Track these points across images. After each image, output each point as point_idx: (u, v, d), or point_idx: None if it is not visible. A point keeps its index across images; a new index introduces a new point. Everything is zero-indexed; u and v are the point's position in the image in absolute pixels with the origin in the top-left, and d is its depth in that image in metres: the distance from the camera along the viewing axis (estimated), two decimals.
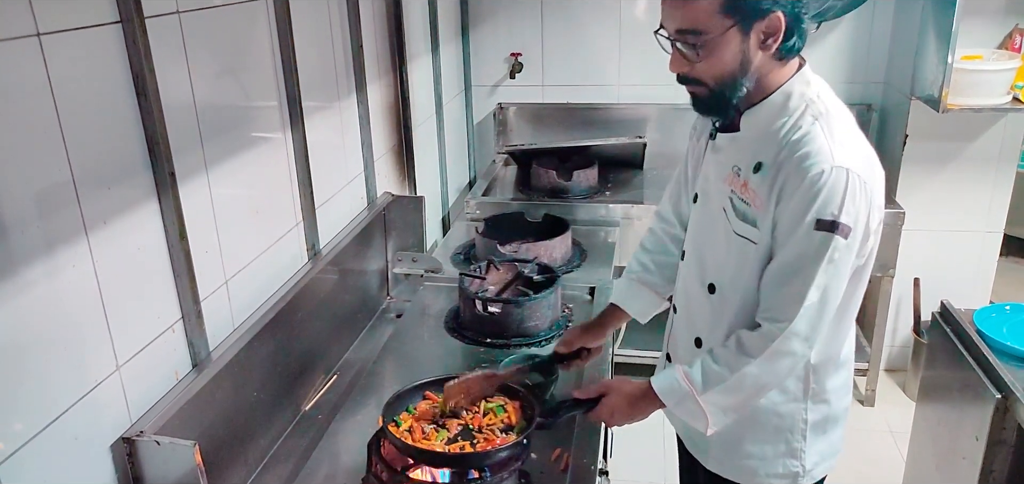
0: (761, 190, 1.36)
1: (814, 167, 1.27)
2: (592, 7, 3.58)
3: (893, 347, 3.60)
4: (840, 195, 1.27)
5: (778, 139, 1.35)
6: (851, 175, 1.27)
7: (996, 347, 1.95)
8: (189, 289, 1.50)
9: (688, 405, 1.43)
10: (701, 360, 1.43)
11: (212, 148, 1.58)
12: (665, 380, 1.46)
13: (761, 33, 1.29)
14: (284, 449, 1.79)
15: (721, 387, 1.39)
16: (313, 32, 2.04)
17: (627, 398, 1.51)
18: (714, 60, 1.31)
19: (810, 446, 1.56)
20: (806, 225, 1.28)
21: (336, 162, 2.24)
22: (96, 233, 1.27)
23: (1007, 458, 1.82)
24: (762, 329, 1.36)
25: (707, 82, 1.35)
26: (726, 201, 1.45)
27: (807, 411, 1.54)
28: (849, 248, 1.30)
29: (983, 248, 3.37)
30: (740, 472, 1.61)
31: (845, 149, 1.29)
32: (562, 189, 3.27)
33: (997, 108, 2.92)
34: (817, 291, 1.31)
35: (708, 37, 1.29)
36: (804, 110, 1.34)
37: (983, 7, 2.99)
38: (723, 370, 1.39)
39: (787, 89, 1.36)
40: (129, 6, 1.28)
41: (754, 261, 1.41)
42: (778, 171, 1.33)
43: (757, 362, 1.36)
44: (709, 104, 1.39)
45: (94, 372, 1.28)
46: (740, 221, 1.41)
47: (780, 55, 1.33)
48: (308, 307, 1.96)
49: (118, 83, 1.30)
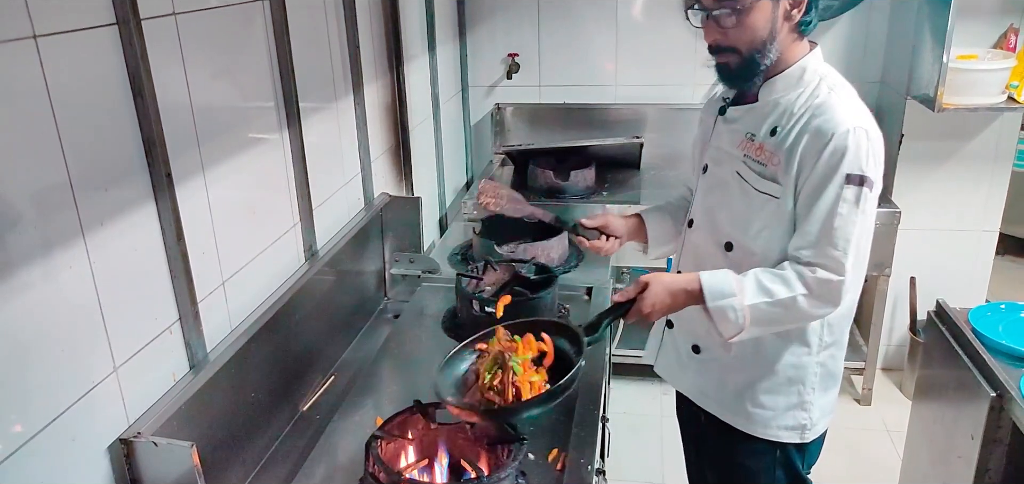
0: (778, 152, 1.51)
1: (840, 127, 1.42)
2: (589, 7, 3.59)
3: (890, 346, 3.61)
4: (864, 152, 1.43)
5: (795, 106, 1.51)
6: (870, 135, 1.44)
7: (991, 346, 1.96)
8: (186, 290, 1.50)
9: (729, 304, 1.49)
10: (754, 272, 1.51)
11: (209, 149, 1.58)
12: (715, 277, 1.52)
13: (788, 3, 1.47)
14: (282, 450, 1.79)
15: (769, 302, 1.48)
16: (309, 33, 2.04)
17: (666, 288, 1.56)
18: (747, 27, 1.46)
19: (818, 399, 1.67)
20: (839, 179, 1.42)
21: (333, 163, 2.24)
22: (93, 235, 1.27)
23: (1002, 456, 1.83)
24: (819, 272, 1.45)
25: (740, 49, 1.49)
26: (739, 165, 1.59)
27: (819, 364, 1.66)
28: (874, 200, 1.47)
29: (979, 247, 3.39)
30: (751, 422, 1.70)
31: (861, 114, 1.47)
32: (559, 189, 3.28)
33: (992, 107, 2.93)
34: (855, 242, 1.45)
35: (744, 4, 1.45)
36: (818, 83, 1.51)
37: (978, 7, 3.00)
38: (779, 285, 1.48)
39: (803, 64, 1.53)
40: (126, 8, 1.28)
41: (777, 214, 1.53)
42: (800, 132, 1.47)
43: (810, 299, 1.47)
44: (737, 72, 1.53)
45: (92, 373, 1.28)
46: (761, 179, 1.54)
47: (798, 29, 1.50)
48: (305, 308, 1.96)
49: (115, 85, 1.30)
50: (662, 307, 1.56)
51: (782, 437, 1.69)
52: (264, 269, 1.85)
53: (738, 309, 1.48)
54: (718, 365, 1.73)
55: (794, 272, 1.48)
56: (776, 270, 1.50)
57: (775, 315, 1.49)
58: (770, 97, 1.55)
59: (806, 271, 1.46)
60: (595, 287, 2.42)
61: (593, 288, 2.41)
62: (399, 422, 1.61)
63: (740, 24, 1.46)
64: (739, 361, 1.68)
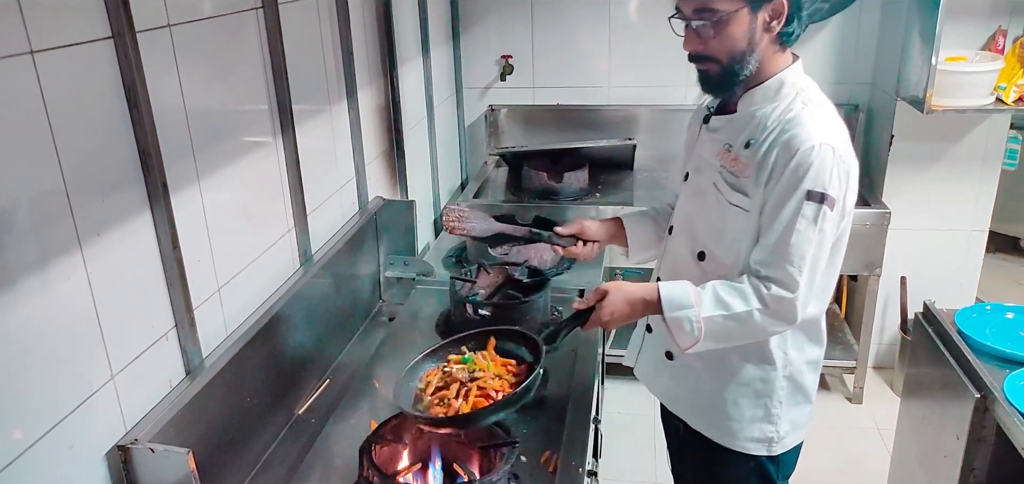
0: (751, 163, 1.51)
1: (806, 142, 1.42)
2: (582, 9, 3.61)
3: (881, 345, 3.64)
4: (828, 169, 1.42)
5: (769, 120, 1.50)
6: (836, 153, 1.43)
7: (976, 347, 1.98)
8: (182, 297, 1.52)
9: (685, 315, 1.50)
10: (712, 285, 1.52)
11: (204, 158, 1.60)
12: (674, 288, 1.54)
13: (767, 15, 1.46)
14: (277, 454, 1.81)
15: (725, 315, 1.49)
16: (303, 39, 2.06)
17: (625, 297, 1.57)
18: (726, 37, 1.46)
19: (785, 414, 1.68)
20: (799, 195, 1.43)
21: (327, 168, 2.26)
22: (89, 245, 1.29)
23: (987, 456, 1.86)
24: (773, 288, 1.46)
25: (719, 58, 1.49)
26: (717, 175, 1.59)
27: (785, 379, 1.67)
28: (834, 221, 1.46)
29: (969, 246, 3.42)
30: (720, 431, 1.73)
31: (830, 131, 1.45)
32: (553, 191, 3.30)
33: (981, 109, 2.96)
34: (811, 260, 1.45)
35: (722, 15, 1.44)
36: (795, 96, 1.50)
37: (967, 9, 3.03)
38: (735, 301, 1.49)
39: (781, 77, 1.52)
40: (121, 21, 1.30)
41: (745, 227, 1.54)
42: (770, 147, 1.47)
43: (764, 315, 1.48)
44: (717, 81, 1.54)
45: (89, 381, 1.30)
46: (732, 191, 1.55)
47: (780, 40, 1.49)
48: (300, 312, 1.98)
49: (111, 97, 1.32)
50: (620, 316, 1.57)
51: (749, 448, 1.70)
52: (259, 275, 1.87)
53: (694, 321, 1.49)
54: (690, 372, 1.74)
55: (751, 286, 1.48)
56: (735, 283, 1.50)
57: (731, 329, 1.50)
58: (748, 108, 1.55)
59: (762, 286, 1.47)
60: (587, 288, 2.45)
61: (585, 290, 2.43)
62: (393, 426, 1.64)
63: (718, 34, 1.46)
64: (710, 370, 1.70)
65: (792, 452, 1.75)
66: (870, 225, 3.11)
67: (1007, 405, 1.76)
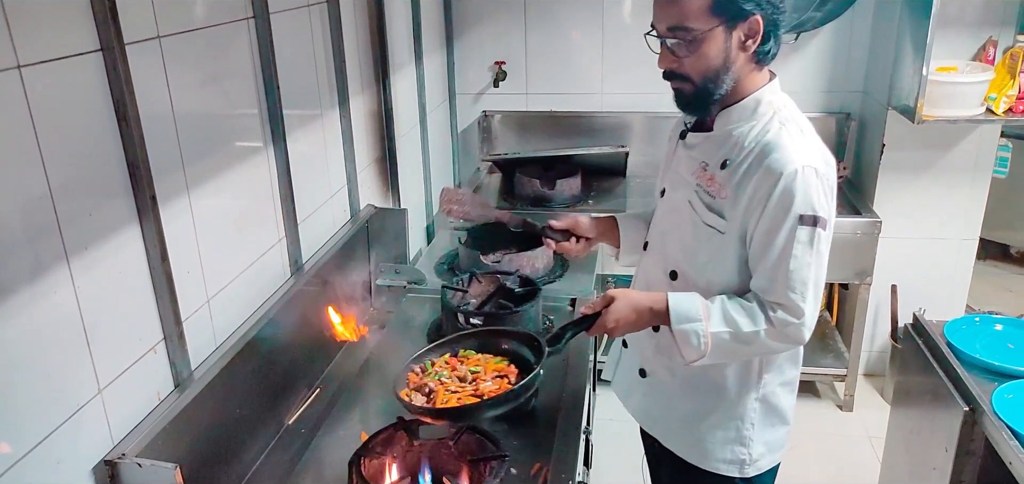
0: (727, 185, 1.49)
1: (788, 167, 1.40)
2: (575, 16, 3.61)
3: (871, 353, 3.65)
4: (814, 191, 1.41)
5: (746, 140, 1.48)
6: (819, 174, 1.42)
7: (965, 359, 1.99)
8: (171, 310, 1.51)
9: (693, 328, 1.49)
10: (720, 300, 1.51)
11: (194, 169, 1.60)
12: (683, 300, 1.52)
13: (742, 34, 1.43)
14: (267, 465, 1.80)
15: (732, 332, 1.48)
16: (295, 48, 2.05)
17: (633, 306, 1.55)
18: (700, 56, 1.44)
19: (758, 436, 1.66)
20: (791, 221, 1.41)
21: (319, 177, 2.26)
22: (77, 259, 1.28)
23: (976, 469, 1.86)
24: (780, 312, 1.46)
25: (693, 78, 1.47)
26: (693, 194, 1.57)
27: (759, 401, 1.65)
28: (828, 239, 1.46)
29: (959, 255, 3.43)
30: (692, 451, 1.72)
31: (810, 150, 1.44)
32: (545, 198, 3.30)
33: (971, 120, 2.97)
34: (813, 283, 1.45)
35: (696, 34, 1.42)
36: (772, 116, 1.48)
37: (957, 19, 3.04)
38: (743, 320, 1.48)
39: (758, 96, 1.50)
40: (110, 34, 1.29)
41: (721, 249, 1.53)
42: (749, 169, 1.45)
43: (771, 336, 1.47)
44: (692, 100, 1.51)
45: (76, 396, 1.29)
46: (708, 211, 1.53)
47: (756, 59, 1.47)
48: (291, 322, 1.98)
49: (99, 110, 1.31)
50: (626, 324, 1.56)
51: (721, 470, 1.69)
52: (249, 285, 1.86)
53: (702, 335, 1.49)
54: (663, 391, 1.74)
55: (759, 306, 1.48)
56: (743, 301, 1.50)
57: (736, 348, 1.51)
58: (725, 127, 1.53)
59: (769, 309, 1.47)
60: (579, 297, 2.45)
61: (577, 299, 2.43)
62: (382, 439, 1.64)
63: (693, 53, 1.44)
64: (682, 389, 1.69)
65: (768, 474, 1.73)
66: (861, 233, 3.12)
67: (995, 418, 1.76)
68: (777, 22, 1.44)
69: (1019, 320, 2.19)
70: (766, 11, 1.42)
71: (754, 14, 1.41)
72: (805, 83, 3.54)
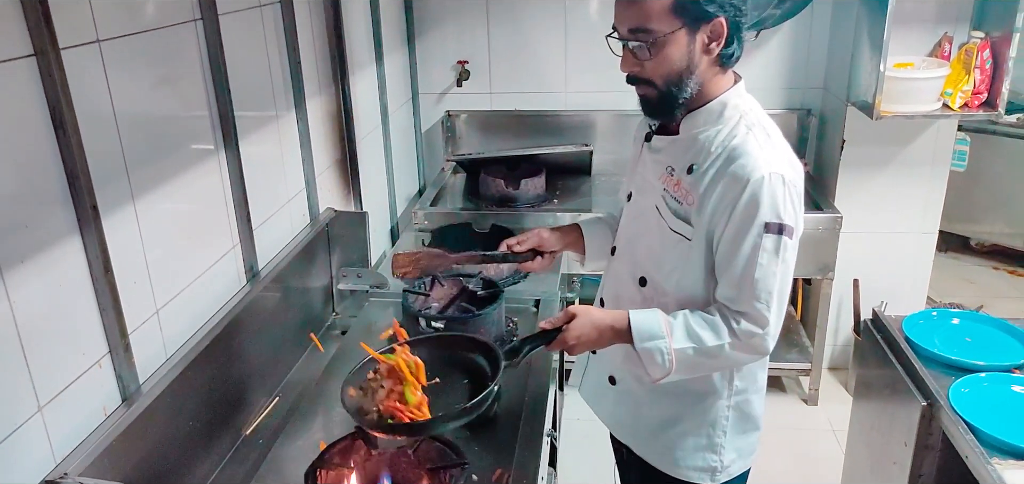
0: (694, 190, 1.46)
1: (754, 174, 1.38)
2: (538, 14, 3.59)
3: (835, 346, 3.69)
4: (781, 199, 1.39)
5: (711, 145, 1.46)
6: (786, 180, 1.40)
7: (923, 354, 2.01)
8: (116, 322, 1.46)
9: (657, 346, 1.47)
10: (683, 314, 1.49)
11: (139, 176, 1.55)
12: (645, 317, 1.50)
13: (706, 36, 1.40)
14: (223, 478, 1.76)
15: (695, 348, 1.46)
16: (246, 49, 2.01)
17: (594, 324, 1.53)
18: (662, 59, 1.41)
19: (730, 442, 1.65)
20: (757, 228, 1.39)
21: (275, 180, 2.21)
22: (12, 272, 1.23)
23: (934, 462, 1.88)
24: (743, 323, 1.44)
25: (656, 81, 1.44)
26: (659, 199, 1.55)
27: (730, 409, 1.63)
28: (795, 247, 1.44)
29: (919, 248, 3.48)
30: (662, 459, 1.70)
31: (777, 156, 1.42)
32: (510, 198, 3.28)
33: (928, 115, 3.01)
34: (777, 292, 1.43)
35: (658, 36, 1.39)
36: (738, 120, 1.46)
37: (913, 16, 3.07)
38: (706, 332, 1.46)
39: (724, 99, 1.47)
40: (44, 38, 1.25)
41: (689, 256, 1.51)
42: (714, 177, 1.43)
43: (735, 348, 1.45)
44: (656, 104, 1.49)
45: (12, 415, 1.25)
46: (675, 217, 1.51)
47: (720, 62, 1.45)
48: (247, 330, 1.93)
49: (34, 117, 1.27)
50: (587, 341, 1.53)
51: (692, 477, 1.67)
52: (202, 294, 1.81)
53: (665, 352, 1.46)
54: (633, 398, 1.72)
55: (721, 318, 1.46)
56: (705, 315, 1.48)
57: (701, 362, 1.49)
58: (690, 131, 1.50)
59: (732, 320, 1.45)
60: (543, 299, 2.43)
61: (541, 300, 2.42)
62: (340, 449, 1.60)
63: (655, 56, 1.41)
64: (653, 396, 1.67)
65: (738, 479, 1.72)
66: (822, 229, 3.15)
67: (952, 413, 1.78)
68: (740, 24, 1.43)
69: (976, 313, 2.21)
70: (729, 13, 1.40)
71: (717, 16, 1.39)
72: (766, 80, 3.56)
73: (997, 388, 1.86)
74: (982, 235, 4.84)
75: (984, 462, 1.63)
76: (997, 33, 2.92)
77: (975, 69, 2.94)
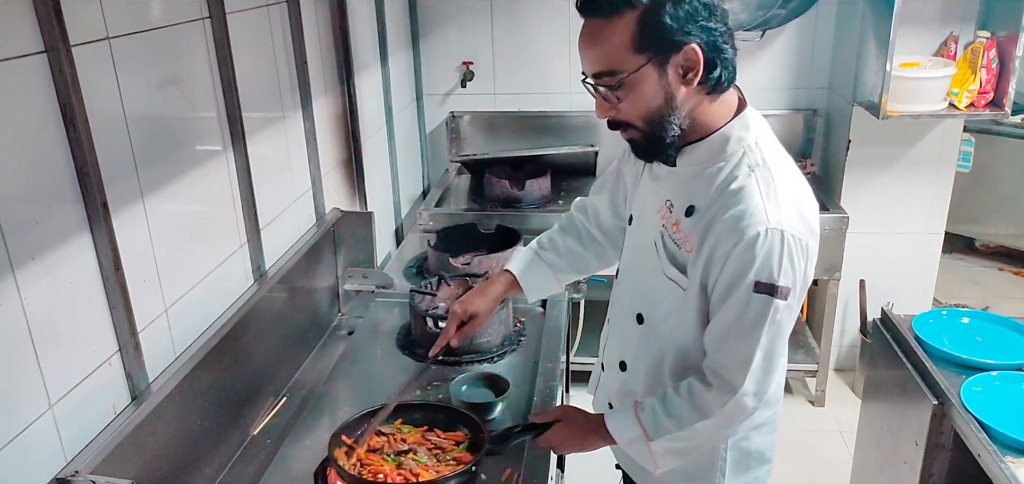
0: (692, 236, 1.36)
1: (750, 229, 1.26)
2: (542, 15, 3.59)
3: (841, 347, 3.68)
4: (776, 258, 1.26)
5: (712, 186, 1.34)
6: (786, 237, 1.26)
7: (933, 353, 2.00)
8: (126, 321, 1.46)
9: (638, 446, 1.45)
10: (652, 404, 1.44)
11: (148, 175, 1.54)
12: (618, 419, 1.48)
13: (679, 68, 1.27)
14: (231, 477, 1.75)
15: (670, 436, 1.41)
16: (254, 49, 2.00)
17: (579, 428, 1.53)
18: (635, 99, 1.29)
19: (730, 482, 1.57)
20: (745, 287, 1.28)
21: (282, 180, 2.21)
22: (23, 269, 1.23)
23: (945, 462, 1.87)
24: (713, 391, 1.37)
25: (636, 123, 1.33)
26: (658, 235, 1.45)
27: (726, 451, 1.55)
28: (789, 308, 1.31)
29: (926, 248, 3.47)
30: None
31: (780, 207, 1.27)
32: (515, 199, 3.27)
33: (934, 114, 3.01)
34: (762, 352, 1.32)
35: (623, 76, 1.27)
36: (741, 158, 1.32)
37: (919, 15, 3.07)
38: (674, 423, 1.41)
39: (726, 133, 1.34)
40: (54, 35, 1.24)
41: (683, 304, 1.41)
42: (711, 223, 1.32)
43: (710, 421, 1.38)
44: (646, 147, 1.38)
45: (24, 413, 1.24)
46: (670, 264, 1.41)
47: (708, 90, 1.30)
48: (255, 330, 1.93)
49: (45, 114, 1.26)
50: (571, 446, 1.54)
51: None
52: (210, 293, 1.81)
53: (650, 448, 1.43)
54: None
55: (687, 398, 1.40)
56: (674, 398, 1.42)
57: (688, 446, 1.43)
58: (688, 166, 1.38)
59: (700, 391, 1.38)
60: (551, 299, 2.42)
61: (548, 301, 2.41)
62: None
63: (627, 98, 1.29)
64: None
65: None
66: (829, 229, 3.14)
67: (964, 412, 1.77)
68: (719, 46, 1.27)
69: (985, 313, 2.21)
70: (700, 38, 1.24)
71: (687, 43, 1.24)
72: (771, 81, 3.55)
73: (1009, 386, 1.86)
74: (987, 236, 4.83)
75: (997, 460, 1.62)
76: (1003, 33, 2.92)
77: (981, 69, 2.93)
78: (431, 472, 1.52)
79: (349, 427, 1.62)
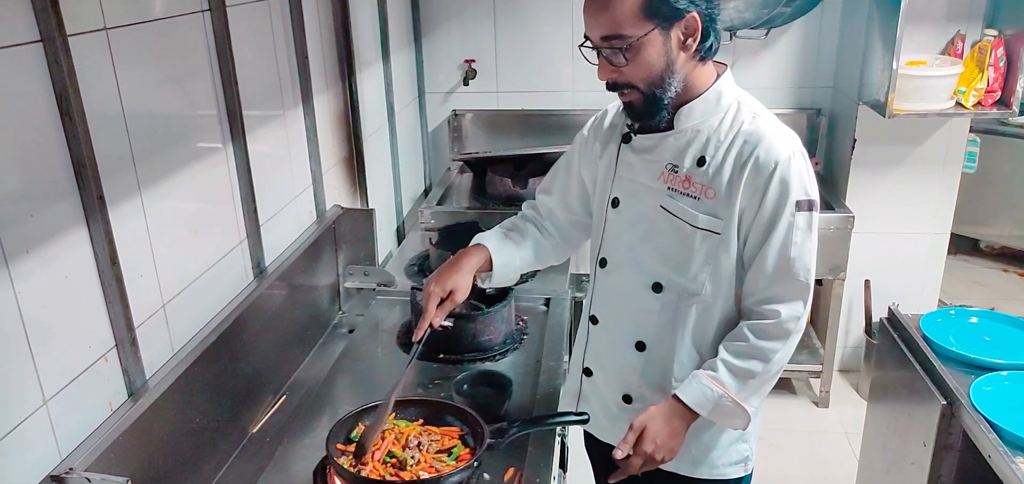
0: (714, 183, 1.43)
1: (780, 155, 1.39)
2: (545, 13, 3.57)
3: (846, 349, 3.65)
4: (805, 175, 1.42)
5: (720, 134, 1.44)
6: (804, 155, 1.44)
7: (942, 353, 1.98)
8: (122, 316, 1.43)
9: (724, 406, 1.46)
10: (720, 361, 1.47)
11: (146, 168, 1.52)
12: (692, 390, 1.48)
13: (680, 34, 1.38)
14: (229, 476, 1.73)
15: (756, 381, 1.46)
16: (254, 44, 1.98)
17: (664, 423, 1.47)
18: (640, 62, 1.38)
19: (754, 426, 1.62)
20: (788, 210, 1.40)
21: (282, 177, 2.19)
22: (17, 263, 1.20)
23: (954, 463, 1.85)
24: (781, 317, 1.44)
25: (638, 85, 1.41)
26: (664, 199, 1.50)
27: None
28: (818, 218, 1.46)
29: (931, 249, 3.45)
30: (696, 464, 1.63)
31: (784, 134, 1.43)
32: (517, 197, 3.25)
33: (941, 113, 2.98)
34: (809, 267, 1.44)
35: (631, 40, 1.36)
36: (738, 107, 1.46)
37: (925, 13, 3.05)
38: (754, 363, 1.45)
39: (718, 88, 1.46)
40: (50, 24, 1.22)
41: (717, 251, 1.47)
42: (737, 164, 1.41)
43: (783, 345, 1.45)
44: (642, 108, 1.45)
45: (17, 409, 1.22)
46: (699, 215, 1.46)
47: (700, 56, 1.42)
48: (254, 327, 1.91)
49: (40, 105, 1.24)
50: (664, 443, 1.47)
51: (728, 474, 1.63)
52: (209, 289, 1.78)
53: (738, 402, 1.45)
54: None
55: (756, 335, 1.45)
56: (739, 345, 1.46)
57: (769, 384, 1.50)
58: (689, 124, 1.47)
59: (766, 324, 1.44)
60: (553, 297, 2.40)
61: (551, 299, 2.39)
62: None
63: (633, 60, 1.38)
64: None
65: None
66: (834, 229, 3.12)
67: (973, 412, 1.74)
68: (714, 17, 1.40)
69: (994, 312, 2.18)
70: (701, 7, 1.37)
71: (689, 12, 1.36)
72: (775, 79, 3.53)
73: (1019, 386, 1.83)
74: (992, 237, 4.80)
75: (1008, 461, 1.59)
76: (1011, 31, 2.89)
77: (989, 67, 2.91)
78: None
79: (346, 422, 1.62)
